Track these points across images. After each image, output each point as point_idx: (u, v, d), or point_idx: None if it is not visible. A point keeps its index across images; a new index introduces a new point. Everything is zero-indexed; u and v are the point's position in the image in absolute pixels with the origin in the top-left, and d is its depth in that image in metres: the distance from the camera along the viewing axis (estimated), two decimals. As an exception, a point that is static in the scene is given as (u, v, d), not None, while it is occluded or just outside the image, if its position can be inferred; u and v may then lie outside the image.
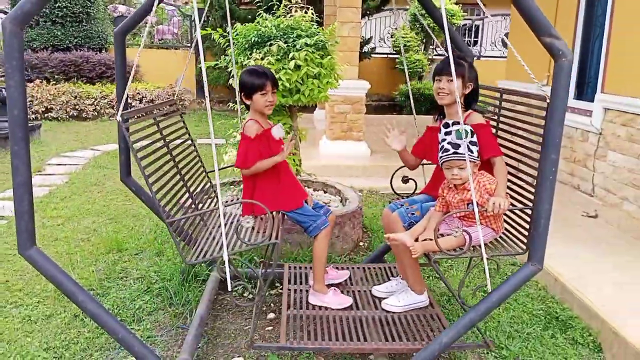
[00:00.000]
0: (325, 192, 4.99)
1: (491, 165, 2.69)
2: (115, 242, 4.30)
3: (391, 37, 13.67)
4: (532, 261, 2.36)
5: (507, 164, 2.76)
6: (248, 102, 2.95)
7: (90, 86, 11.66)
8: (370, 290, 3.21)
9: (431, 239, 2.52)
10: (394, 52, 13.30)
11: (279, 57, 3.99)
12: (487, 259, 2.43)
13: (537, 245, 2.35)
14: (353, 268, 3.52)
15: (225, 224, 2.79)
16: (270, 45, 4.02)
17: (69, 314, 3.28)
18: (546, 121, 2.27)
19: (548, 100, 2.26)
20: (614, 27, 4.82)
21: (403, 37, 12.51)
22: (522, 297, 3.64)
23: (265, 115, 3.01)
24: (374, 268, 3.51)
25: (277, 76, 3.93)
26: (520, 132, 2.78)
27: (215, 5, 11.29)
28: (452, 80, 2.76)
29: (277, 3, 4.40)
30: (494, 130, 2.94)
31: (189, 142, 3.40)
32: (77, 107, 10.99)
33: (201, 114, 12.16)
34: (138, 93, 11.40)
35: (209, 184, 3.52)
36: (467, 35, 15.08)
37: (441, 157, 2.62)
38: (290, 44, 4.00)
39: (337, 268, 3.45)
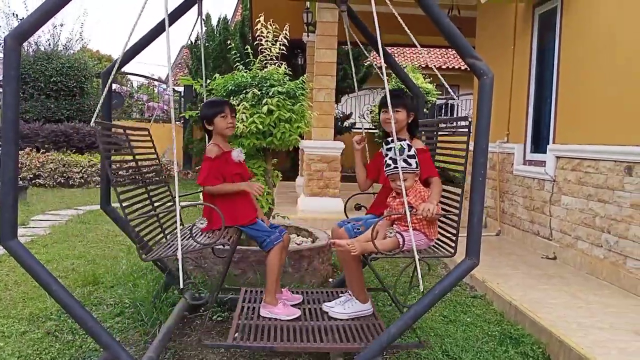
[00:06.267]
0: (298, 235, 5.22)
1: (429, 185, 3.05)
2: (92, 277, 4.45)
3: (370, 113, 14.40)
4: (469, 256, 2.61)
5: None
6: (210, 128, 3.31)
7: (79, 155, 12.04)
8: (321, 307, 3.37)
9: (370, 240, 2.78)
10: (373, 127, 13.97)
11: (253, 102, 4.39)
12: (418, 260, 2.68)
13: (473, 241, 2.60)
14: (307, 292, 3.68)
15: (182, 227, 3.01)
16: (246, 93, 4.43)
17: (42, 331, 3.39)
18: (475, 132, 2.61)
19: (470, 119, 2.67)
20: (560, 88, 5.35)
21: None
22: (480, 321, 3.82)
23: (226, 139, 3.36)
24: (329, 292, 3.67)
25: (251, 119, 4.32)
26: (452, 153, 3.22)
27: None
28: (397, 111, 3.18)
29: (254, 60, 4.87)
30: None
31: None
32: (64, 174, 11.31)
33: (185, 183, 12.49)
34: (126, 162, 11.78)
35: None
36: (443, 113, 15.89)
37: (386, 170, 2.98)
38: (264, 92, 4.41)
39: (291, 292, 3.63)
